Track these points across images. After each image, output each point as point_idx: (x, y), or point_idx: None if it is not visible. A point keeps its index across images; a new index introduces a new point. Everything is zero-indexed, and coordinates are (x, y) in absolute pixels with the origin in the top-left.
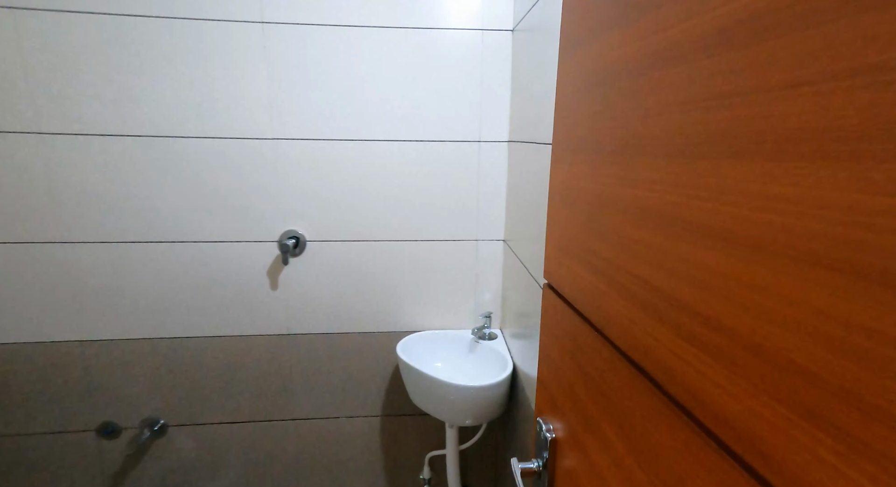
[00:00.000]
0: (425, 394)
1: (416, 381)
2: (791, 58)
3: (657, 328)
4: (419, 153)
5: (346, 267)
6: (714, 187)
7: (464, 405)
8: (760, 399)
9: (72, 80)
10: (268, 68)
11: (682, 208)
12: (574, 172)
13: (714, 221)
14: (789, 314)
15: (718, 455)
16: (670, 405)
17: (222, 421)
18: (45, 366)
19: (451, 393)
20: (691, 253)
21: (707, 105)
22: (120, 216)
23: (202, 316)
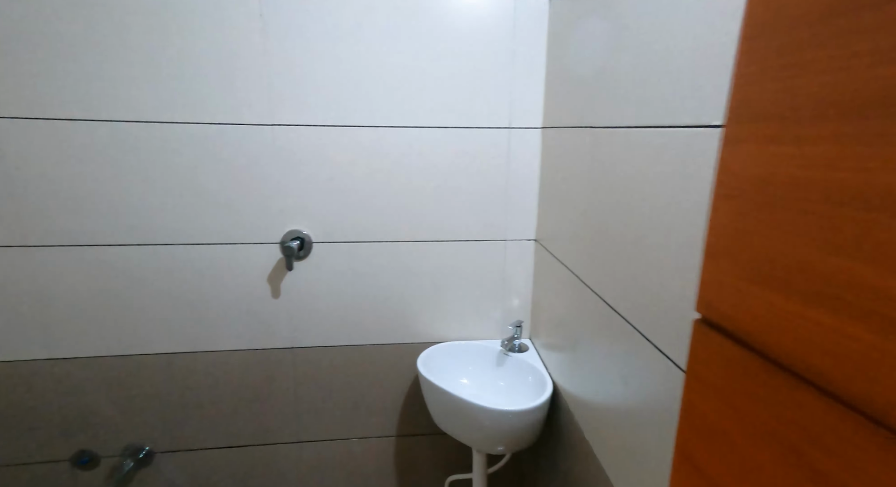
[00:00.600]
0: (451, 416)
1: (442, 402)
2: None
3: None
4: (440, 142)
5: (357, 271)
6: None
7: (497, 432)
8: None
9: (24, 50)
10: (265, 40)
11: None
12: (787, 156)
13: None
14: None
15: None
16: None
17: (217, 446)
18: (8, 387)
19: (484, 418)
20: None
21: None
22: (90, 216)
23: (193, 329)
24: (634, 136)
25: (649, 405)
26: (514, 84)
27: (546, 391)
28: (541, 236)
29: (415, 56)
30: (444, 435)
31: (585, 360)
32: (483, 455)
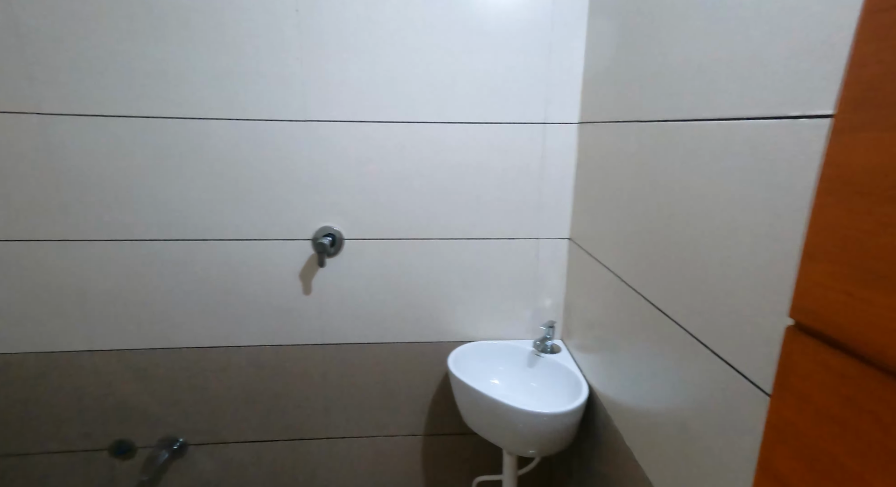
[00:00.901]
0: (483, 417)
1: (473, 401)
2: None
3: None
4: (473, 137)
5: (388, 269)
6: None
7: (531, 434)
8: None
9: (74, 50)
10: (301, 37)
11: None
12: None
13: None
14: None
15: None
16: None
17: (248, 440)
18: (48, 378)
19: (517, 420)
20: None
21: None
22: (130, 211)
23: (226, 324)
24: (700, 129)
25: (708, 415)
26: (551, 78)
27: (582, 395)
28: (576, 234)
29: (448, 50)
30: (473, 435)
31: (627, 364)
32: (514, 457)
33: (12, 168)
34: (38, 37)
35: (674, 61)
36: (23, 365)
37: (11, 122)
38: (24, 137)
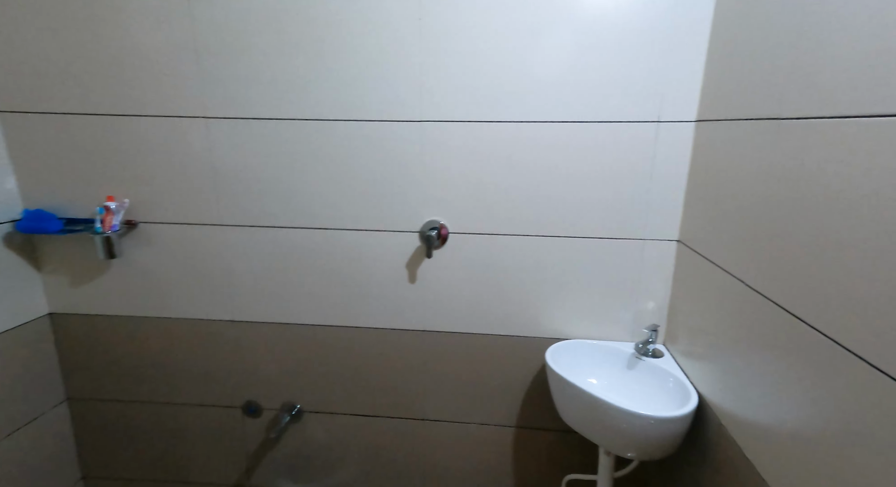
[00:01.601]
0: (582, 413)
1: (573, 398)
2: None
3: None
4: (580, 136)
5: (489, 263)
6: None
7: (635, 436)
8: None
9: (235, 63)
10: (422, 43)
11: None
12: None
13: None
14: None
15: None
16: None
17: (353, 412)
18: (198, 340)
19: (622, 420)
20: None
21: None
22: (268, 201)
23: (340, 305)
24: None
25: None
26: (668, 76)
27: (691, 401)
28: (687, 236)
29: (558, 49)
30: (564, 432)
31: (748, 373)
32: (611, 457)
33: (183, 163)
34: (210, 53)
35: (831, 54)
36: (178, 329)
37: (186, 125)
38: (194, 138)
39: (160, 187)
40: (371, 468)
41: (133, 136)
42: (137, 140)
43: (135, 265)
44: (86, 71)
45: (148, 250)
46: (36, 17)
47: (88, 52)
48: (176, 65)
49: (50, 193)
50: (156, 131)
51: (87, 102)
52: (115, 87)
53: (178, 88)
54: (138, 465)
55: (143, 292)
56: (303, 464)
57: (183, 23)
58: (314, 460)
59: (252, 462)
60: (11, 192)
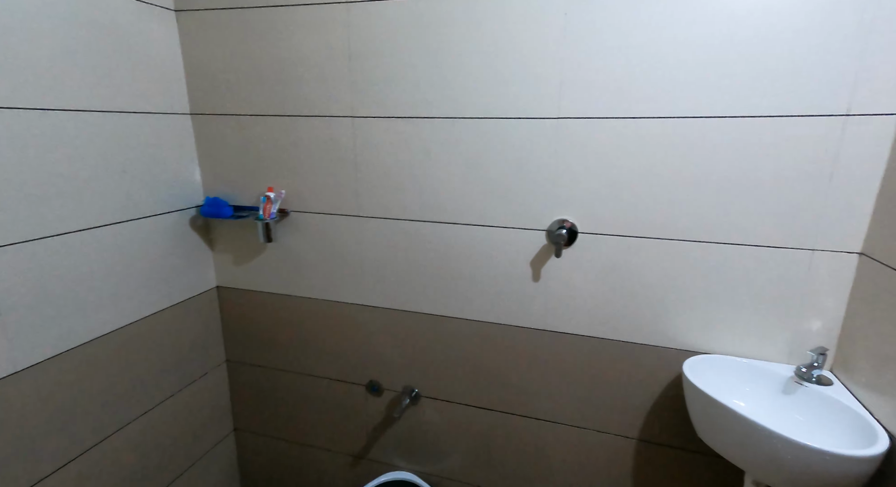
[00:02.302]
0: (732, 436)
1: (719, 418)
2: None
3: None
4: (738, 132)
5: (620, 266)
6: None
7: (801, 472)
8: None
9: (381, 65)
10: (565, 39)
11: None
12: None
13: None
14: None
15: None
16: None
17: (466, 403)
18: (328, 319)
19: (787, 452)
20: None
21: None
22: (402, 195)
23: (464, 299)
24: None
25: None
26: (862, 61)
27: (880, 441)
28: (874, 248)
29: (714, 36)
30: (696, 453)
31: None
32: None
33: (331, 158)
34: (360, 57)
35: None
36: (316, 308)
37: (335, 124)
38: (341, 135)
39: (310, 180)
40: (481, 459)
41: (292, 134)
42: (295, 138)
43: (285, 249)
44: (258, 77)
45: (296, 236)
46: (229, 34)
47: (262, 61)
48: (331, 69)
49: (224, 183)
50: (310, 130)
51: (258, 104)
52: (281, 91)
53: (330, 90)
54: (277, 424)
55: (290, 273)
56: (417, 446)
57: (340, 31)
58: (427, 443)
59: (371, 437)
60: (197, 183)
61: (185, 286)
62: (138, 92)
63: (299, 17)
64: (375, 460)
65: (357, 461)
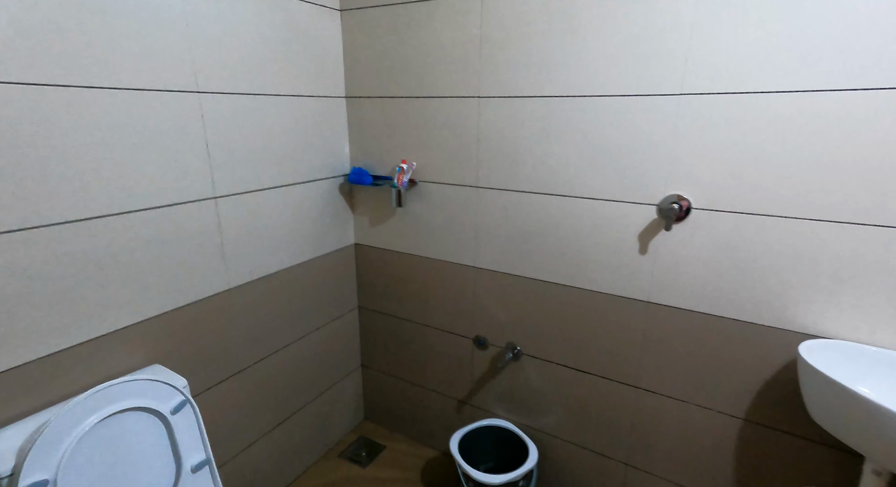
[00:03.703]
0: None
1: (837, 401)
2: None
3: None
4: (882, 104)
5: (735, 243)
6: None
7: None
8: None
9: (508, 49)
10: (695, 12)
11: None
12: None
13: None
14: None
15: None
16: None
17: (566, 364)
18: (445, 279)
19: None
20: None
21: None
22: (520, 168)
23: (568, 266)
24: None
25: None
26: None
27: None
28: None
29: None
30: (809, 440)
31: None
32: (883, 479)
33: (456, 135)
34: (490, 42)
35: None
36: (435, 267)
37: (463, 104)
38: (467, 114)
39: (437, 153)
40: (578, 419)
41: (425, 113)
42: (428, 116)
43: (413, 214)
44: (400, 64)
45: (422, 203)
46: (380, 28)
47: (404, 50)
48: (462, 54)
49: (366, 155)
50: (441, 109)
51: (397, 87)
52: (418, 75)
53: (461, 73)
54: (396, 365)
55: (415, 235)
56: (517, 399)
57: (474, 19)
58: (527, 398)
59: (476, 386)
60: (346, 155)
61: (333, 241)
62: (311, 79)
63: (440, 9)
64: (478, 406)
65: (461, 405)
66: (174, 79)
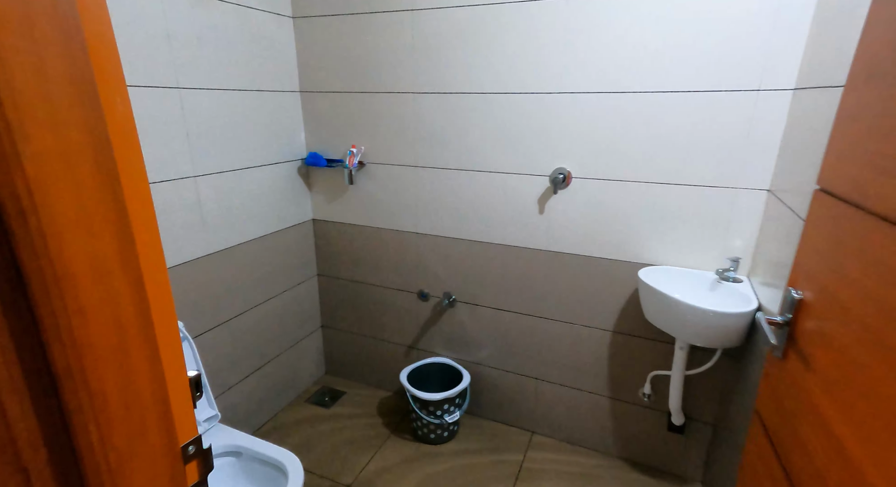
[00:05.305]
0: (661, 312)
1: (656, 301)
2: None
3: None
4: (684, 103)
5: (603, 201)
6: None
7: (700, 327)
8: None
9: (436, 55)
10: (565, 36)
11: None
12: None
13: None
14: None
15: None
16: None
17: (492, 306)
18: (393, 244)
19: (693, 315)
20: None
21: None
22: (449, 150)
23: (488, 227)
24: None
25: None
26: (772, 43)
27: (750, 306)
28: (775, 187)
29: (675, 35)
30: (654, 340)
31: None
32: (685, 353)
33: (398, 124)
34: (421, 49)
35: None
36: (384, 235)
37: (401, 98)
38: (406, 107)
39: (382, 140)
40: (502, 349)
41: (370, 106)
42: (372, 109)
43: (363, 191)
44: (348, 65)
45: (370, 181)
46: (328, 34)
47: (350, 53)
48: (400, 58)
49: (320, 141)
50: (383, 103)
51: (347, 84)
52: (363, 75)
53: (399, 73)
54: (353, 322)
55: (366, 208)
56: (454, 338)
57: (407, 30)
58: (461, 337)
59: (420, 332)
60: (301, 141)
61: (293, 216)
62: (270, 76)
63: (378, 21)
64: (423, 349)
65: (410, 350)
66: (159, 77)
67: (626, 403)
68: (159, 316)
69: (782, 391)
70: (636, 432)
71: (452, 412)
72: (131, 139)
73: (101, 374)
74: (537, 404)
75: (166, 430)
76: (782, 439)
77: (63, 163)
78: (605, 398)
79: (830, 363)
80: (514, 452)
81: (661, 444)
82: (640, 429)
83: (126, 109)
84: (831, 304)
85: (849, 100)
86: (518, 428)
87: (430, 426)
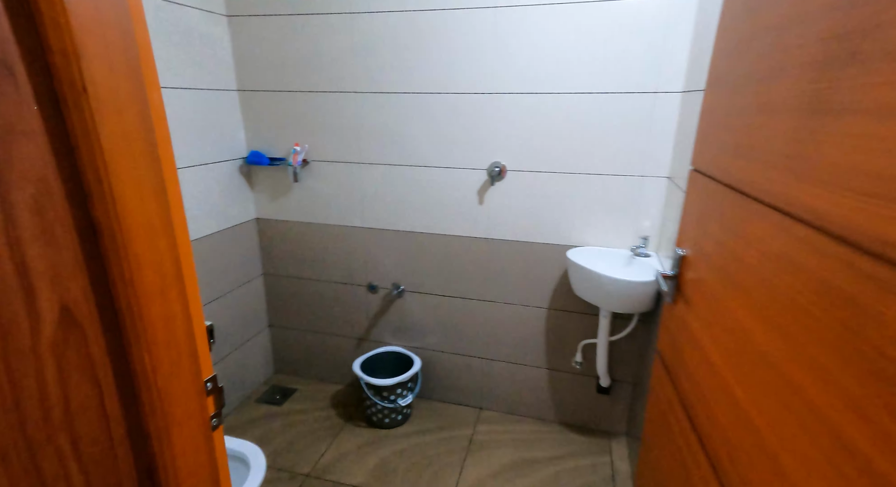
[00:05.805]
0: (587, 285)
1: (582, 277)
2: None
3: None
4: (597, 103)
5: (535, 192)
6: None
7: (619, 296)
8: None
9: (375, 56)
10: (493, 42)
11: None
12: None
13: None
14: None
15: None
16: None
17: (437, 293)
18: (339, 240)
19: (609, 285)
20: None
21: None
22: (390, 147)
23: (432, 219)
24: None
25: None
26: (660, 67)
27: (652, 274)
28: (673, 174)
29: (588, 44)
30: (583, 314)
31: None
32: (608, 321)
33: (341, 122)
34: (361, 50)
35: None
36: (331, 231)
37: (344, 97)
38: (349, 106)
39: (325, 137)
40: (450, 333)
41: (312, 104)
42: (315, 107)
43: (308, 189)
44: (288, 65)
45: (315, 179)
46: (265, 34)
47: (290, 53)
48: (341, 58)
49: (262, 140)
50: (325, 102)
51: (288, 83)
52: (304, 74)
53: (341, 73)
54: (301, 320)
55: (311, 205)
56: (403, 327)
57: (347, 33)
58: (412, 325)
59: (370, 323)
60: (241, 140)
61: (235, 215)
62: (206, 74)
63: (317, 22)
64: (374, 340)
65: (361, 342)
66: None
67: (562, 372)
68: (187, 270)
69: (673, 329)
70: (570, 398)
71: (405, 395)
72: (164, 126)
73: (150, 310)
74: (484, 382)
75: (194, 363)
76: (674, 367)
77: (124, 141)
78: (543, 369)
79: (703, 301)
80: (464, 427)
81: (592, 405)
82: (574, 395)
83: (159, 102)
84: (701, 256)
85: (707, 100)
86: (467, 406)
87: (384, 411)
